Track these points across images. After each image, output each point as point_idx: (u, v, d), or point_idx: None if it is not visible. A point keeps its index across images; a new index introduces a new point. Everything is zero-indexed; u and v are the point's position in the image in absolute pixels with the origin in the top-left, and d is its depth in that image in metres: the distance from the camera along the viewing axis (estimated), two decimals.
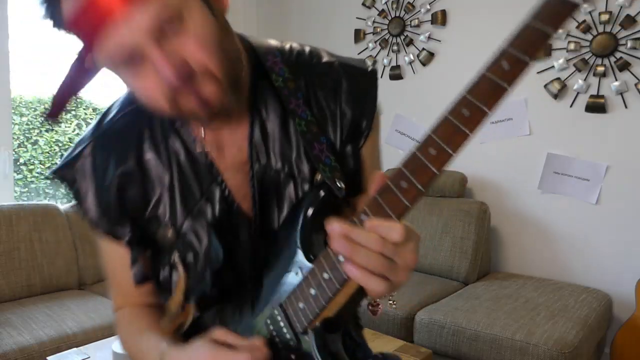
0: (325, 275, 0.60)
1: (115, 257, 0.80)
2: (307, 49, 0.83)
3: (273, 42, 0.79)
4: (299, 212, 0.69)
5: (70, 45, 0.69)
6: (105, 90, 3.21)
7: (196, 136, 0.74)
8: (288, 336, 0.66)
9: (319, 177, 0.72)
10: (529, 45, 0.51)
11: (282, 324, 0.67)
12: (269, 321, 0.68)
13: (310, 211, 0.68)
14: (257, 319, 0.71)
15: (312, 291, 0.62)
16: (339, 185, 0.69)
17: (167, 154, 0.74)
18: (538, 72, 2.72)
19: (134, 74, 0.64)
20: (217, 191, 0.73)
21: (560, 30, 2.39)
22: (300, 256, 0.66)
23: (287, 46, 0.79)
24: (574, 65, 2.60)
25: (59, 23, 0.63)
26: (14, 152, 2.76)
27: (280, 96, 0.73)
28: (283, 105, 0.73)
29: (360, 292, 0.61)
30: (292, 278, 0.66)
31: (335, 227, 0.54)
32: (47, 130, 2.99)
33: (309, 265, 0.64)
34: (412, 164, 0.54)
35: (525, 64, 0.51)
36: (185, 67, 0.60)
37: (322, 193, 0.69)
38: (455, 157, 0.53)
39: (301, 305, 0.64)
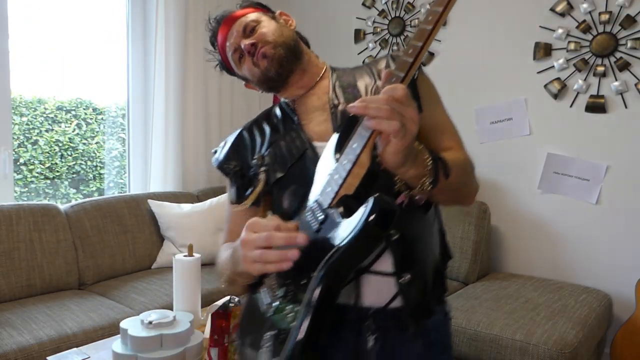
0: (344, 160, 0.76)
1: (229, 215, 1.10)
2: None
3: None
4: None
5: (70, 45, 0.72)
6: (104, 92, 3.21)
7: (293, 109, 1.06)
8: (319, 217, 0.80)
9: None
10: None
11: (314, 208, 0.82)
12: (307, 213, 0.84)
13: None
14: (304, 212, 0.86)
15: (336, 176, 0.78)
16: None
17: (274, 127, 1.08)
18: (538, 72, 2.72)
19: (241, 62, 1.06)
20: (301, 134, 1.02)
21: None
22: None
23: None
24: (574, 65, 2.61)
25: (216, 45, 1.10)
26: (14, 152, 2.76)
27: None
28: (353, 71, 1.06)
29: (372, 175, 0.76)
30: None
31: (352, 104, 0.70)
32: (47, 130, 2.99)
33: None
34: (399, 62, 0.74)
35: None
36: (252, 43, 1.01)
37: None
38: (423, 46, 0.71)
39: (328, 189, 0.79)
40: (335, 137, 0.87)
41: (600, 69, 2.53)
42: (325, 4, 3.58)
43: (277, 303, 0.83)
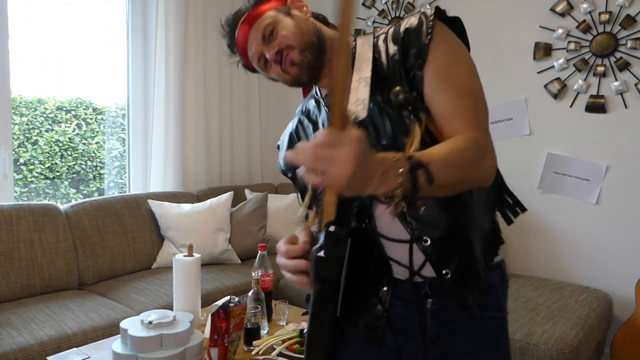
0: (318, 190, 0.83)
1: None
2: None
3: None
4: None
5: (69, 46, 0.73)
6: (104, 92, 3.21)
7: (327, 104, 1.08)
8: (320, 239, 0.83)
9: (401, 97, 0.96)
10: None
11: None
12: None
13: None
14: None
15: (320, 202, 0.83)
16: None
17: (315, 125, 1.11)
18: (538, 72, 2.72)
19: (267, 68, 1.05)
20: None
21: None
22: None
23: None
24: (574, 65, 2.61)
25: (242, 63, 1.11)
26: (14, 152, 2.76)
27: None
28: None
29: (344, 200, 0.77)
30: None
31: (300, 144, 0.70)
32: (47, 130, 2.99)
33: None
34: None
35: None
36: (277, 51, 1.01)
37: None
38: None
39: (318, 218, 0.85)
40: None
41: (600, 69, 2.53)
42: (326, 4, 3.58)
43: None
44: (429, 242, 0.96)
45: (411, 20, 0.98)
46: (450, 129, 0.93)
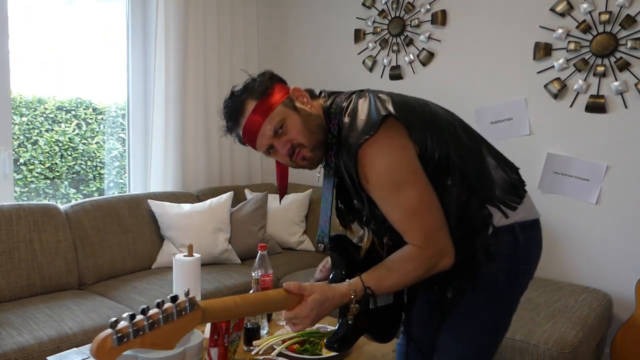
0: None
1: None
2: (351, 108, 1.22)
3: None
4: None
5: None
6: (104, 92, 3.21)
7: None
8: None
9: None
10: None
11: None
12: None
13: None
14: None
15: None
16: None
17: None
18: (538, 72, 2.72)
19: (273, 155, 1.23)
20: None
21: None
22: None
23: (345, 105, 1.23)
24: (574, 65, 2.61)
25: (239, 139, 1.25)
26: (14, 152, 2.76)
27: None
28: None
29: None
30: None
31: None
32: (47, 130, 2.99)
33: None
34: None
35: None
36: (290, 145, 1.18)
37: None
38: None
39: None
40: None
41: (600, 69, 2.53)
42: (325, 4, 3.58)
43: None
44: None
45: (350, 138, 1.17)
46: (403, 236, 1.18)
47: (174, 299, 0.88)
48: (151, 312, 0.84)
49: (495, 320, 1.26)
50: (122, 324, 0.78)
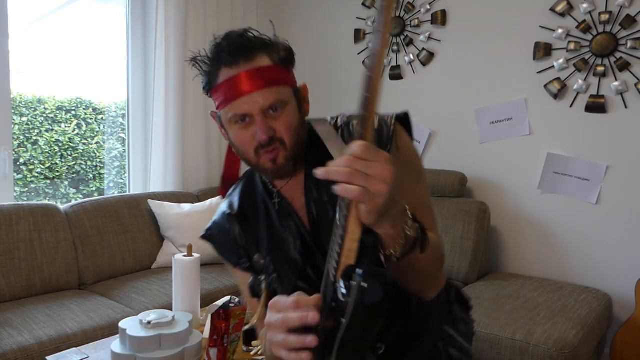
0: (336, 232, 0.72)
1: (241, 283, 1.15)
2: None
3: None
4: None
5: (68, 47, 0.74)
6: (104, 92, 3.21)
7: (276, 191, 1.06)
8: (329, 292, 0.76)
9: None
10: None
11: (327, 283, 0.77)
12: (322, 289, 0.80)
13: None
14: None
15: (334, 248, 0.73)
16: None
17: (261, 210, 1.08)
18: (538, 72, 2.72)
19: (240, 128, 0.95)
20: (293, 224, 1.04)
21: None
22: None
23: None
24: (574, 65, 2.60)
25: (209, 86, 0.98)
26: (14, 152, 2.76)
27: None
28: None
29: (372, 242, 0.74)
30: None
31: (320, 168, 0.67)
32: (47, 130, 2.99)
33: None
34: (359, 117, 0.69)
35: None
36: (272, 134, 0.93)
37: None
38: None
39: (332, 261, 0.75)
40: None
41: (600, 69, 2.53)
42: (325, 4, 3.58)
43: None
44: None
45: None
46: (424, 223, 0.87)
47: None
48: None
49: None
50: None
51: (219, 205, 1.16)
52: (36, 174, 2.97)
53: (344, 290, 0.70)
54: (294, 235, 1.04)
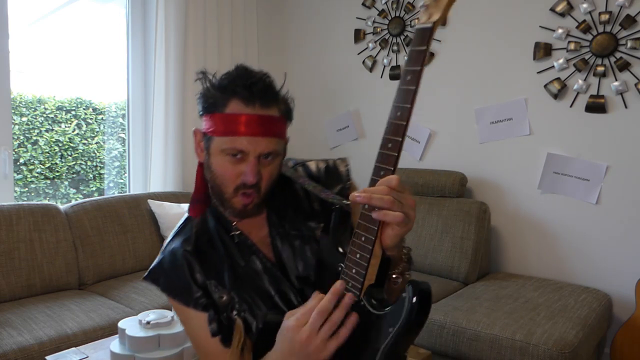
0: (357, 254, 0.82)
1: (196, 326, 1.04)
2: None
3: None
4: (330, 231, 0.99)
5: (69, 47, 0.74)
6: (104, 92, 3.22)
7: (234, 226, 1.07)
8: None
9: (318, 232, 1.06)
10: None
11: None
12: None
13: (333, 223, 0.98)
14: None
15: (353, 270, 0.83)
16: (346, 202, 0.99)
17: (218, 245, 1.07)
18: (538, 72, 2.72)
19: (229, 161, 0.97)
20: (255, 257, 1.05)
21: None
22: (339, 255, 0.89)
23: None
24: (574, 65, 2.60)
25: (210, 110, 1.03)
26: (14, 152, 2.76)
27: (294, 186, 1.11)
28: (294, 191, 1.11)
29: (385, 262, 0.84)
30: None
31: (355, 193, 0.77)
32: (47, 130, 2.99)
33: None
34: (381, 157, 0.80)
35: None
36: (258, 179, 0.97)
37: (339, 210, 0.99)
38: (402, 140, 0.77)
39: (350, 283, 0.84)
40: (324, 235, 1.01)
41: (600, 69, 2.53)
42: (325, 4, 3.58)
43: None
44: None
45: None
46: None
47: None
48: None
49: None
50: None
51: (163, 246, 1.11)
52: (36, 174, 2.98)
53: (370, 308, 0.81)
54: (259, 267, 1.05)
